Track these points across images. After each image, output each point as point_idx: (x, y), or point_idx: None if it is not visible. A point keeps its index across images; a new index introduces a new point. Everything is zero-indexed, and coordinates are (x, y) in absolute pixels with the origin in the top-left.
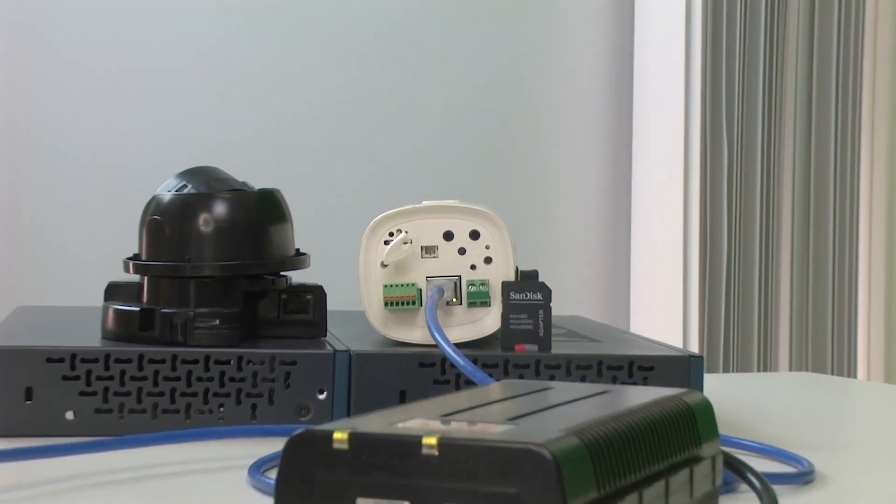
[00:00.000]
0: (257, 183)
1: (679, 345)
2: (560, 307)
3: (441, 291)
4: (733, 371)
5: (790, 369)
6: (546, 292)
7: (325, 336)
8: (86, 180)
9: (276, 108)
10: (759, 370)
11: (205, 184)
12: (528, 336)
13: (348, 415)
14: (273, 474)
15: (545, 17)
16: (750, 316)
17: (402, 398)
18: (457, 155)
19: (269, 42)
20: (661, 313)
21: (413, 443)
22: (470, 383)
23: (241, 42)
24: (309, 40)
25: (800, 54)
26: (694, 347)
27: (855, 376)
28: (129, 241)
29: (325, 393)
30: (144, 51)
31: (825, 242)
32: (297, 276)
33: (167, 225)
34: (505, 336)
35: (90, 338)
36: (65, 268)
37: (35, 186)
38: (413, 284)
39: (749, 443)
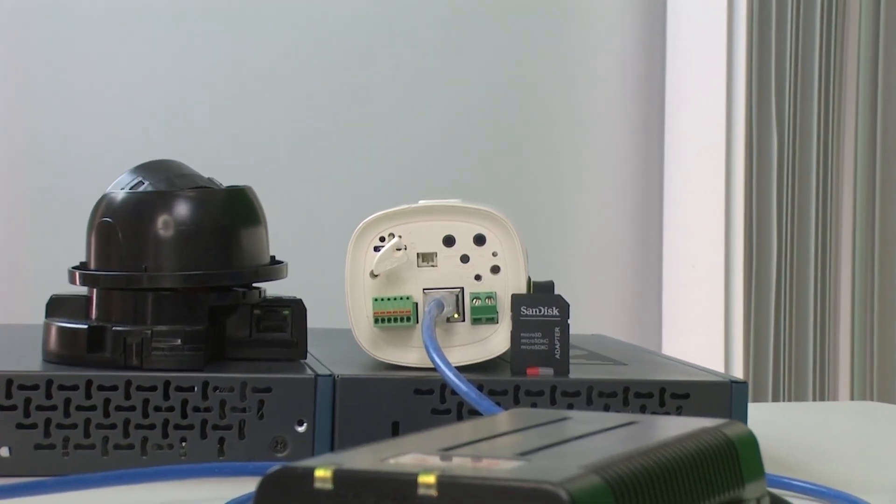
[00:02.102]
0: (226, 179)
1: (720, 369)
2: (580, 324)
3: (441, 306)
4: (784, 400)
5: (851, 398)
6: (563, 307)
7: (305, 358)
8: (22, 177)
9: (248, 94)
10: (814, 399)
11: (164, 180)
12: (542, 358)
13: (332, 449)
14: None
15: (566, 7)
16: (804, 335)
17: (395, 430)
18: (460, 148)
19: (244, 23)
20: (699, 331)
21: (408, 481)
22: (474, 413)
23: (211, 23)
24: (286, 17)
25: (863, 34)
26: (738, 372)
27: None
28: (76, 247)
29: (305, 424)
30: (90, 34)
31: (893, 248)
32: (272, 289)
33: (120, 228)
34: (515, 358)
35: (29, 360)
36: None
37: None
38: (408, 298)
39: (801, 483)
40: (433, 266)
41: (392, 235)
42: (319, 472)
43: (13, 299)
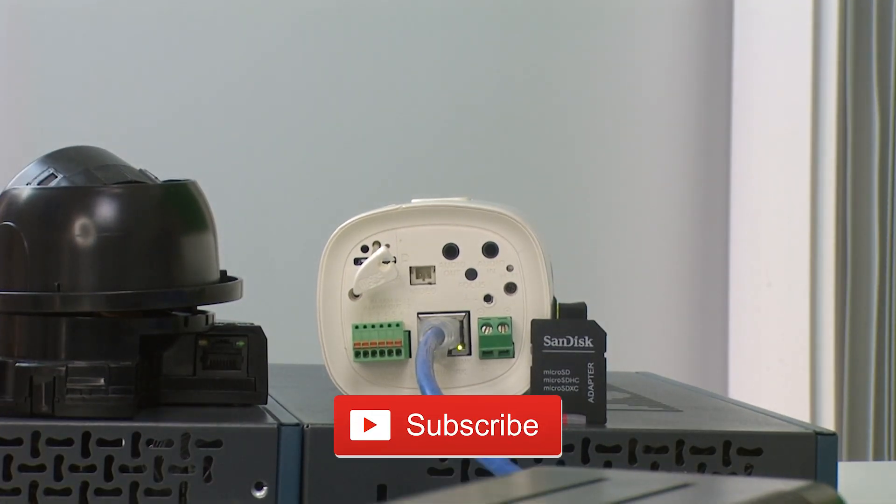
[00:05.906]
0: (164, 172)
1: (803, 417)
2: (620, 359)
3: (440, 335)
4: (889, 458)
5: None
6: (599, 336)
7: (266, 402)
8: None
9: (195, 67)
10: None
11: (83, 172)
12: (571, 402)
13: None
14: None
15: None
16: None
17: (381, 496)
18: (465, 134)
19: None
20: (776, 368)
21: None
22: (483, 473)
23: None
24: None
25: None
26: (827, 421)
27: None
28: None
29: (266, 489)
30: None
31: None
32: (222, 313)
33: (25, 235)
34: None
35: None
36: None
37: None
38: (397, 325)
39: None
40: (430, 284)
41: (378, 244)
42: None
43: None
